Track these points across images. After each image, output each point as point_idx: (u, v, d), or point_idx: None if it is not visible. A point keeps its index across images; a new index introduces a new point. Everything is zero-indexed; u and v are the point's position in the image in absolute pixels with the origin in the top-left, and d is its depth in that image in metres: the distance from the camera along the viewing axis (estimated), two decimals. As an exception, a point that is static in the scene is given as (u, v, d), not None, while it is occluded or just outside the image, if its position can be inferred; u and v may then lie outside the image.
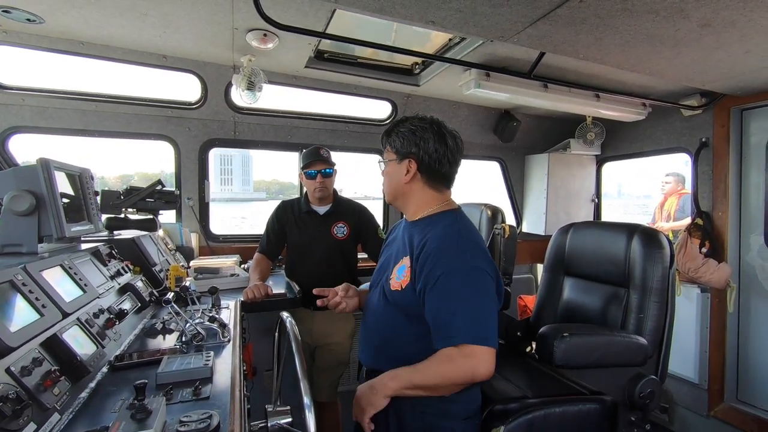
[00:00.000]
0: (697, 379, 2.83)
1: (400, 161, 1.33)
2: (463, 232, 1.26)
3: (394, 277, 1.31)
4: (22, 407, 0.83)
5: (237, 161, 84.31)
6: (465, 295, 1.16)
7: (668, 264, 1.69)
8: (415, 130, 1.30)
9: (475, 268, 1.19)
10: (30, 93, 2.50)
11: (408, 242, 1.32)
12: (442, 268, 1.17)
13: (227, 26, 2.20)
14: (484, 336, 1.14)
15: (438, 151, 1.29)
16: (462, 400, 1.29)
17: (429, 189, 1.34)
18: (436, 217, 1.32)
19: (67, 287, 1.29)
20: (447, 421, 1.27)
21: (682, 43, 1.98)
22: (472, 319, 1.14)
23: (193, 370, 1.17)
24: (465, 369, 1.12)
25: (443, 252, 1.19)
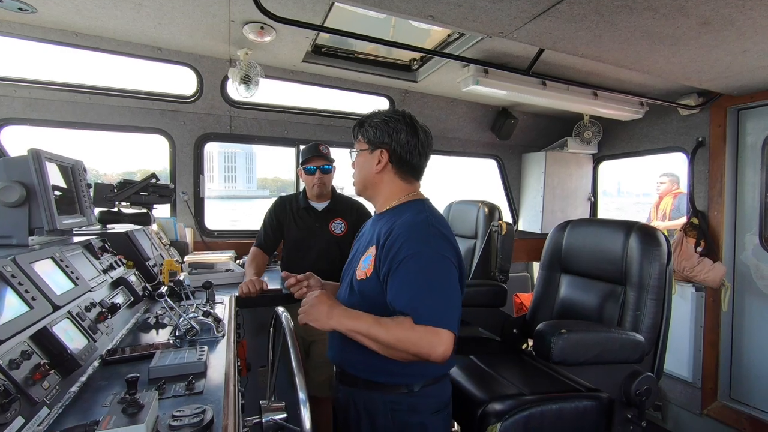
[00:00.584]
0: (690, 377, 2.85)
1: (371, 151, 1.34)
2: (431, 220, 1.26)
3: (360, 267, 1.32)
4: (9, 401, 0.81)
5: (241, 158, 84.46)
6: (431, 278, 1.16)
7: (665, 261, 1.68)
8: (388, 121, 1.32)
9: (441, 255, 1.19)
10: (22, 84, 2.46)
11: (375, 232, 1.32)
12: (407, 252, 1.17)
13: (224, 18, 2.17)
14: (449, 320, 1.13)
15: (410, 142, 1.31)
16: (432, 394, 1.29)
17: (399, 180, 1.35)
18: (404, 206, 1.33)
19: (58, 280, 1.26)
20: (417, 416, 1.27)
21: (680, 41, 1.97)
22: (438, 301, 1.14)
23: (187, 364, 1.15)
24: (425, 344, 1.10)
25: (409, 237, 1.19)
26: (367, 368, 1.28)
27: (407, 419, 1.26)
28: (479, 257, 2.72)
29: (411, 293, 1.15)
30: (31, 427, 0.85)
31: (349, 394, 1.34)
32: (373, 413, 1.28)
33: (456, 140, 3.75)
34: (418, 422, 1.26)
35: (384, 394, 1.27)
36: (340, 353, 1.37)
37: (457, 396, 1.66)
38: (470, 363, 1.91)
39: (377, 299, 1.23)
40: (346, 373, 1.35)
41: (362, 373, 1.29)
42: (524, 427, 1.42)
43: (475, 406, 1.53)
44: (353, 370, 1.32)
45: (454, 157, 3.98)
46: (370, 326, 1.15)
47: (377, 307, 1.23)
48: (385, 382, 1.27)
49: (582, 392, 1.61)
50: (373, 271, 1.25)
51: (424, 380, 1.28)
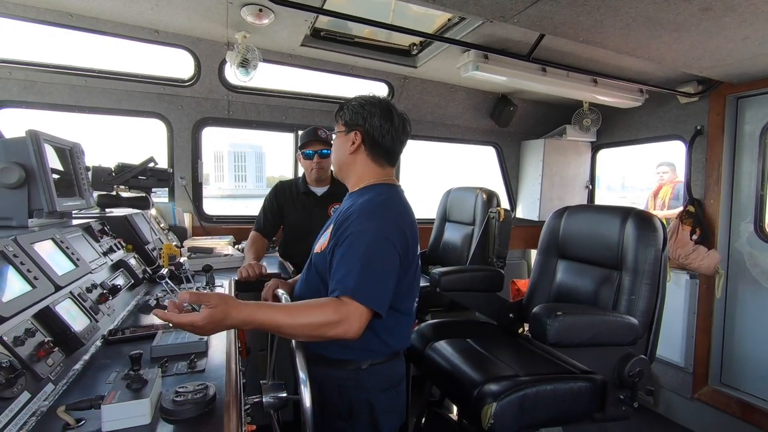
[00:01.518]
0: (682, 362, 2.90)
1: (347, 133, 1.38)
2: (389, 203, 1.29)
3: (319, 241, 1.38)
4: (15, 376, 0.83)
5: (251, 158, 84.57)
6: (366, 256, 1.17)
7: (661, 247, 1.70)
8: (364, 104, 1.36)
9: (386, 239, 1.20)
10: (17, 66, 2.43)
11: (341, 211, 1.36)
12: (353, 229, 1.21)
13: (221, 0, 2.14)
14: (373, 297, 1.14)
15: (383, 126, 1.34)
16: (380, 372, 1.32)
17: (371, 162, 1.38)
18: (370, 188, 1.36)
19: (59, 261, 1.27)
20: (364, 393, 1.29)
21: (682, 27, 1.96)
22: (371, 282, 1.15)
23: (189, 344, 1.17)
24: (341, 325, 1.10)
25: (360, 215, 1.23)
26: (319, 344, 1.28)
27: (354, 396, 1.29)
28: (477, 243, 2.74)
29: (344, 269, 1.17)
30: (37, 402, 0.86)
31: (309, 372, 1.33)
32: (322, 387, 1.30)
33: (455, 127, 3.74)
34: (364, 398, 1.29)
35: (333, 370, 1.30)
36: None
37: (454, 377, 1.70)
38: (467, 346, 1.94)
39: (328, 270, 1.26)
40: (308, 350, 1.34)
41: (314, 347, 1.31)
42: (519, 407, 1.45)
43: (472, 387, 1.56)
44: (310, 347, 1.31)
45: (453, 144, 3.98)
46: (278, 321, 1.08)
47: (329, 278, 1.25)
48: (335, 357, 1.30)
49: (576, 374, 1.64)
50: (326, 246, 1.29)
51: (372, 359, 1.30)
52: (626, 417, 1.63)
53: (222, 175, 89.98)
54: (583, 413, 1.60)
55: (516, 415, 1.45)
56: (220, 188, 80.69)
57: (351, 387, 1.29)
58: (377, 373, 1.31)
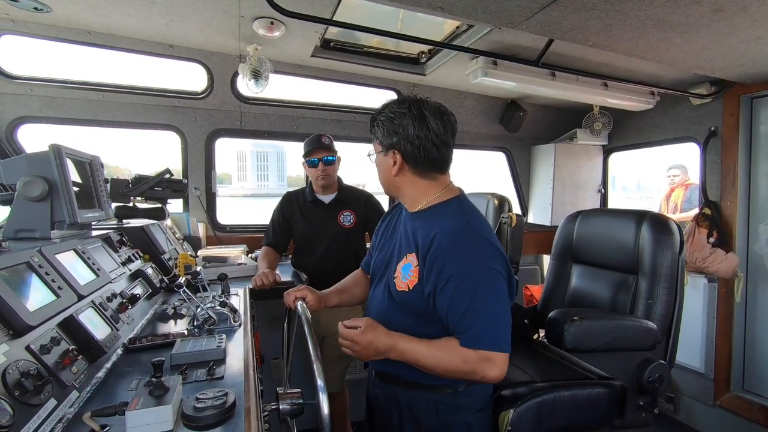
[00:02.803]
0: (703, 368, 2.84)
1: (385, 153, 1.24)
2: (474, 225, 1.17)
3: (399, 276, 1.24)
4: (42, 383, 0.85)
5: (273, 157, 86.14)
6: (480, 295, 1.09)
7: (678, 250, 1.68)
8: (393, 118, 1.19)
9: (488, 268, 1.11)
10: (38, 83, 2.51)
11: (411, 237, 1.24)
12: (453, 270, 1.10)
13: (234, 14, 2.19)
14: (502, 341, 1.10)
15: (420, 137, 1.17)
16: (475, 393, 1.27)
17: (420, 179, 1.23)
18: (438, 208, 1.23)
19: (80, 271, 1.30)
20: (461, 416, 1.25)
21: (693, 28, 1.96)
22: (489, 322, 1.09)
23: (207, 351, 1.19)
24: (476, 372, 1.09)
25: (452, 251, 1.12)
26: (410, 371, 1.21)
27: (452, 419, 1.24)
28: (489, 249, 2.72)
29: (459, 314, 1.10)
30: (63, 409, 0.88)
31: (390, 392, 1.31)
32: (417, 412, 1.25)
33: (464, 133, 3.75)
34: (464, 421, 1.24)
35: (428, 394, 1.24)
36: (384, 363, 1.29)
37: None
38: (482, 353, 1.92)
39: (420, 310, 1.19)
40: (387, 373, 1.31)
41: (405, 374, 1.24)
42: (537, 413, 1.44)
43: (488, 393, 1.55)
44: (394, 371, 1.27)
45: (463, 151, 3.98)
46: (419, 358, 1.13)
47: (419, 318, 1.20)
48: (430, 383, 1.23)
49: (594, 380, 1.62)
50: (417, 283, 1.18)
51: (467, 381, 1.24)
52: (646, 424, 1.60)
53: (245, 175, 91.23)
54: (601, 420, 1.58)
55: (533, 422, 1.43)
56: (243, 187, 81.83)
57: (447, 410, 1.24)
58: (473, 394, 1.26)
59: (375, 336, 1.14)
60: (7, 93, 2.43)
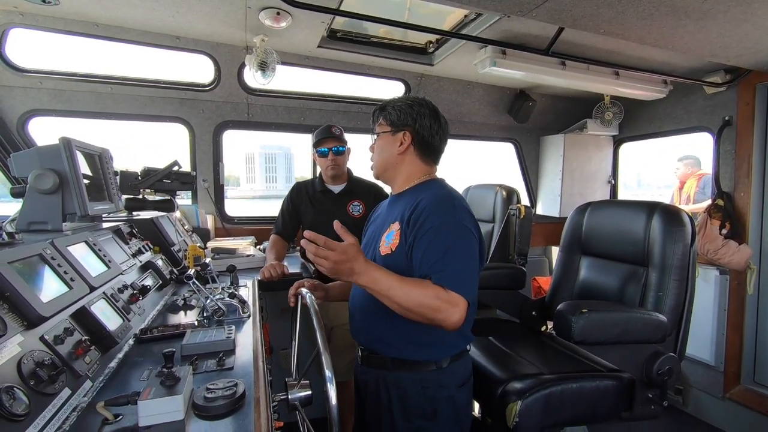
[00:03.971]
0: (713, 361, 2.82)
1: (394, 133, 1.38)
2: (455, 195, 1.32)
3: (383, 243, 1.35)
4: (57, 373, 0.86)
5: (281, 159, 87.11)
6: (455, 246, 1.19)
7: (689, 242, 1.66)
8: (412, 105, 1.37)
9: (464, 226, 1.23)
10: (47, 76, 2.52)
11: (396, 211, 1.36)
12: (433, 222, 1.21)
13: (240, 5, 2.18)
14: (470, 290, 1.18)
15: (432, 126, 1.37)
16: (456, 369, 1.34)
17: (419, 161, 1.40)
18: (426, 184, 1.38)
19: (92, 263, 1.32)
20: (446, 390, 1.31)
21: (708, 15, 1.91)
22: (460, 268, 1.18)
23: (217, 342, 1.20)
24: (443, 313, 1.13)
25: (435, 209, 1.23)
26: (396, 344, 1.30)
27: (437, 394, 1.30)
28: (497, 241, 2.71)
29: (435, 258, 1.18)
30: (77, 398, 0.90)
31: (379, 376, 1.36)
32: (404, 391, 1.31)
33: (472, 124, 3.71)
34: (447, 396, 1.31)
35: (414, 373, 1.31)
36: (366, 333, 1.40)
37: (477, 375, 1.68)
38: (489, 344, 1.92)
39: (403, 271, 1.24)
40: (375, 354, 1.37)
41: (391, 351, 1.32)
42: (544, 405, 1.44)
43: (495, 385, 1.55)
44: (382, 349, 1.34)
45: (471, 142, 3.95)
46: (389, 288, 1.15)
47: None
48: (415, 359, 1.30)
49: (603, 372, 1.61)
50: (398, 246, 1.29)
51: (450, 355, 1.32)
52: (655, 416, 1.60)
53: (253, 177, 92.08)
54: (610, 412, 1.58)
55: (541, 414, 1.44)
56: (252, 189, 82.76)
57: (433, 386, 1.30)
58: (454, 370, 1.33)
59: (356, 253, 1.13)
60: (18, 86, 2.45)
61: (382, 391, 1.35)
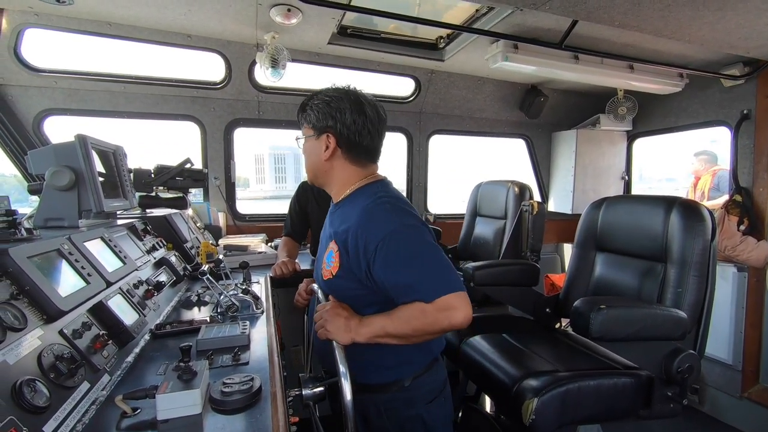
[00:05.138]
0: (730, 359, 2.76)
1: (317, 137, 1.23)
2: (382, 198, 1.18)
3: (324, 265, 1.25)
4: (76, 366, 0.87)
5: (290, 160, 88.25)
6: (410, 252, 1.10)
7: (709, 237, 1.62)
8: (330, 101, 1.21)
9: (405, 225, 1.13)
10: (62, 75, 2.55)
11: (333, 225, 1.26)
12: (375, 239, 1.10)
13: (251, 2, 2.18)
14: (451, 283, 1.08)
15: (356, 122, 1.20)
16: (423, 384, 1.26)
17: (351, 165, 1.25)
18: (357, 192, 1.25)
19: (108, 258, 1.32)
20: (412, 409, 1.24)
21: (726, 5, 1.86)
22: (429, 270, 1.09)
23: (232, 337, 1.20)
24: (441, 321, 1.07)
25: (368, 226, 1.13)
26: (358, 370, 1.16)
27: (403, 414, 1.23)
28: (510, 237, 2.69)
29: (403, 278, 1.10)
30: (96, 392, 0.91)
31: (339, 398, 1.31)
32: (366, 416, 1.24)
33: (483, 120, 3.68)
34: (415, 414, 1.23)
35: (375, 395, 1.23)
36: (323, 358, 1.34)
37: (491, 373, 1.67)
38: (503, 340, 1.91)
39: (346, 294, 1.20)
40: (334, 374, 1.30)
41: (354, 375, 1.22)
42: (561, 402, 1.42)
43: (511, 382, 1.54)
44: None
45: (481, 138, 3.92)
46: (384, 326, 1.11)
47: (354, 301, 1.20)
48: (376, 382, 1.23)
49: (620, 369, 1.59)
50: (339, 269, 1.20)
51: (414, 373, 1.24)
52: (674, 414, 1.57)
53: (263, 177, 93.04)
54: (627, 410, 1.55)
55: (558, 411, 1.42)
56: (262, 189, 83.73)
57: (398, 407, 1.23)
58: (422, 385, 1.25)
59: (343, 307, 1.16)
60: (33, 86, 2.48)
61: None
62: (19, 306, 0.86)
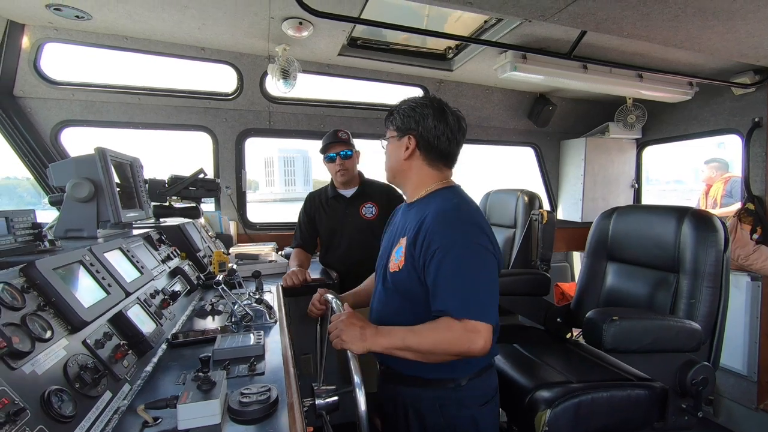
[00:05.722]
0: (745, 370, 2.72)
1: (400, 138, 1.33)
2: (462, 207, 1.25)
3: (393, 258, 1.31)
4: (99, 376, 0.89)
5: (299, 162, 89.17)
6: (464, 267, 1.13)
7: (722, 248, 1.61)
8: (416, 107, 1.30)
9: (473, 242, 1.17)
10: (79, 88, 2.62)
11: (406, 224, 1.32)
12: (439, 243, 1.15)
13: (264, 16, 2.23)
14: (485, 312, 1.12)
15: (437, 128, 1.28)
16: (478, 386, 1.28)
17: (427, 167, 1.33)
18: (434, 194, 1.31)
19: (126, 269, 1.35)
20: (466, 410, 1.25)
21: (737, 15, 1.87)
22: (474, 292, 1.13)
23: (247, 347, 1.22)
24: (462, 342, 1.10)
25: (439, 227, 1.18)
26: (414, 364, 1.21)
27: (456, 413, 1.25)
28: (519, 246, 2.68)
29: (445, 288, 1.13)
30: (117, 401, 0.92)
31: (396, 392, 1.33)
32: (421, 410, 1.27)
33: (492, 129, 3.70)
34: (468, 416, 1.25)
35: (430, 391, 1.26)
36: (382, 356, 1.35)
37: (503, 384, 1.66)
38: (514, 351, 1.90)
39: (412, 290, 1.23)
40: (391, 369, 1.33)
41: (407, 367, 1.25)
42: (574, 414, 1.41)
43: (522, 393, 1.53)
44: (398, 365, 1.29)
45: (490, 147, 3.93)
46: (405, 338, 1.14)
47: (412, 299, 1.24)
48: (433, 377, 1.26)
49: (633, 381, 1.57)
50: (404, 263, 1.24)
51: (470, 373, 1.26)
52: (689, 427, 1.55)
53: (273, 180, 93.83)
54: (641, 422, 1.54)
55: (571, 423, 1.41)
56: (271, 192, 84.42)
57: (451, 405, 1.25)
58: (475, 388, 1.27)
59: (357, 317, 1.20)
60: (51, 98, 2.55)
61: (399, 408, 1.31)
62: (46, 317, 0.88)
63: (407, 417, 1.29)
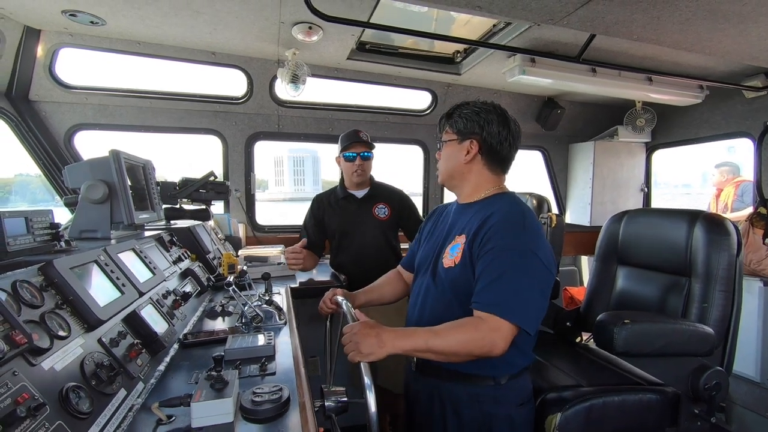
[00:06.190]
0: (758, 377, 2.68)
1: (460, 142, 1.33)
2: (527, 213, 1.25)
3: (447, 255, 1.30)
4: (114, 374, 0.90)
5: (308, 162, 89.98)
6: (513, 272, 1.13)
7: (735, 252, 1.60)
8: (479, 112, 1.31)
9: (531, 252, 1.16)
10: (92, 92, 2.66)
11: (464, 222, 1.31)
12: (497, 242, 1.16)
13: (274, 21, 2.25)
14: (513, 312, 1.10)
15: (501, 133, 1.29)
16: (515, 386, 1.28)
17: (487, 171, 1.34)
18: (495, 197, 1.32)
19: (139, 269, 1.37)
20: (503, 408, 1.26)
21: (748, 18, 1.86)
22: (514, 294, 1.12)
23: (258, 348, 1.23)
24: (486, 342, 1.09)
25: (503, 227, 1.18)
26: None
27: (493, 411, 1.25)
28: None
29: (486, 281, 1.14)
30: (132, 399, 0.94)
31: (430, 385, 1.33)
32: (458, 405, 1.27)
33: None
34: (505, 414, 1.25)
35: (468, 386, 1.26)
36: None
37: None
38: (523, 355, 1.89)
39: (464, 286, 1.23)
40: (429, 363, 1.31)
41: (448, 363, 1.24)
42: (585, 417, 1.40)
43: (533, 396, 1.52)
44: (435, 362, 1.26)
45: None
46: (428, 341, 1.12)
47: (463, 294, 1.23)
48: (473, 373, 1.25)
49: (645, 385, 1.56)
50: (461, 259, 1.25)
51: (511, 373, 1.26)
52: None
53: (282, 180, 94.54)
54: (653, 427, 1.52)
55: (582, 427, 1.40)
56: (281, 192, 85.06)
57: (489, 402, 1.26)
58: (513, 388, 1.28)
59: (370, 326, 1.15)
60: (66, 102, 2.59)
61: (435, 403, 1.31)
62: (63, 315, 0.90)
63: (444, 410, 1.30)
